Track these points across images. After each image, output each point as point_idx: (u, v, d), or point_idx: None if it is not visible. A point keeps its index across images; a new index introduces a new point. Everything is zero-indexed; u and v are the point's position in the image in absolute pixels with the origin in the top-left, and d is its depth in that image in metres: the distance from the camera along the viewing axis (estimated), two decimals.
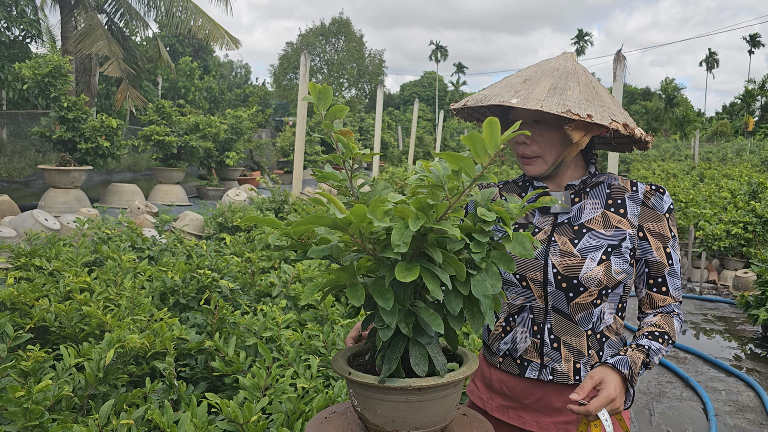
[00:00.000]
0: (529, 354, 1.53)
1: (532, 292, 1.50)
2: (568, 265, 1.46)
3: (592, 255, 1.46)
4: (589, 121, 1.37)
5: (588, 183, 1.55)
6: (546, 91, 1.41)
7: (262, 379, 2.19)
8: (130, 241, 4.99)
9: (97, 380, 2.37)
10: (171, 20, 15.08)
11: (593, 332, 1.50)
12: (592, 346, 1.50)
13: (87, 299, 3.11)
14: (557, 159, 1.52)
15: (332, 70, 44.77)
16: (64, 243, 4.54)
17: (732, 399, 4.63)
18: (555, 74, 1.46)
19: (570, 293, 1.46)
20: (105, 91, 19.30)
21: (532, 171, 1.54)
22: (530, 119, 1.49)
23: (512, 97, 1.40)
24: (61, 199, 8.98)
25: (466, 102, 1.51)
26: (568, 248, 1.48)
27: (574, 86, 1.44)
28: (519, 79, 1.48)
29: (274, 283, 3.75)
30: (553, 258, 1.48)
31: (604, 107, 1.43)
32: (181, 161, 12.79)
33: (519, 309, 1.54)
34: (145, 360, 2.78)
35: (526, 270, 1.50)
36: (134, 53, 16.63)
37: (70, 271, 3.77)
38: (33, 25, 13.65)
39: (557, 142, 1.50)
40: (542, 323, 1.51)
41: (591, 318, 1.49)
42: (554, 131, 1.49)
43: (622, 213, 1.51)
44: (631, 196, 1.53)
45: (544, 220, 1.55)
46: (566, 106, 1.38)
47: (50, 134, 9.27)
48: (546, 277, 1.48)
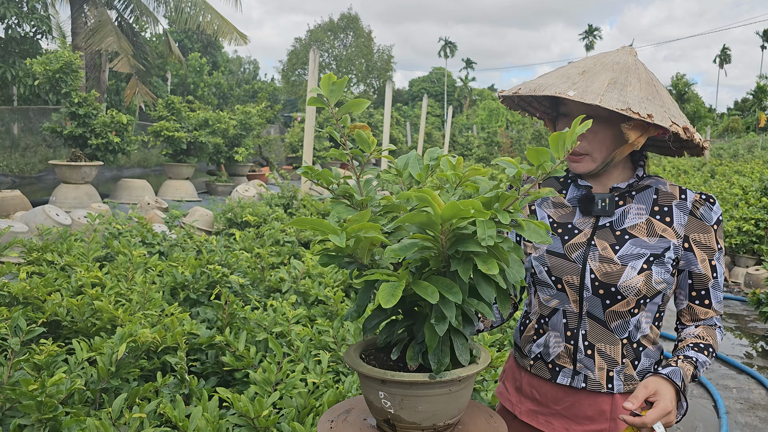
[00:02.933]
0: (561, 359, 1.49)
1: (567, 295, 1.46)
2: (607, 271, 1.41)
3: (632, 263, 1.40)
4: (649, 121, 1.29)
5: (634, 186, 1.48)
6: (605, 85, 1.33)
7: (272, 374, 2.20)
8: (141, 236, 5.01)
9: (109, 374, 2.39)
10: (180, 16, 15.12)
11: (629, 341, 1.46)
12: (627, 355, 1.46)
13: (98, 294, 3.12)
14: (607, 158, 1.45)
15: (341, 65, 44.77)
16: (75, 238, 4.57)
17: (743, 397, 4.60)
18: (615, 68, 1.39)
19: (607, 300, 1.42)
20: (115, 87, 19.39)
21: (578, 168, 1.47)
22: (582, 113, 1.41)
23: (569, 89, 1.33)
24: (72, 195, 9.04)
25: (517, 90, 1.42)
26: (609, 254, 1.43)
27: (634, 82, 1.36)
28: (576, 70, 1.40)
29: (283, 278, 3.76)
30: (591, 263, 1.43)
31: (664, 108, 1.35)
32: (191, 157, 12.83)
33: (552, 311, 1.50)
34: (157, 354, 2.80)
35: (562, 272, 1.45)
36: (144, 49, 16.70)
37: (81, 266, 3.79)
38: (44, 22, 13.73)
39: (609, 140, 1.43)
40: (576, 329, 1.47)
41: (627, 327, 1.45)
42: (607, 128, 1.42)
43: (668, 221, 1.44)
44: (679, 204, 1.46)
45: (584, 221, 1.49)
46: (626, 103, 1.30)
47: (61, 130, 9.32)
48: (583, 281, 1.43)
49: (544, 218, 1.54)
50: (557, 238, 1.49)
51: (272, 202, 7.39)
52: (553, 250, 1.48)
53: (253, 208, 6.74)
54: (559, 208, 1.54)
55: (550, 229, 1.13)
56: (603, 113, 1.39)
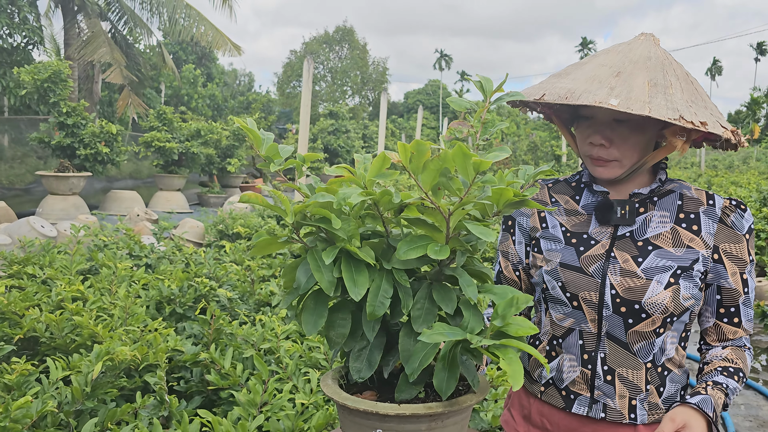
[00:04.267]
0: (577, 386, 1.34)
1: (584, 314, 1.31)
2: (630, 286, 1.27)
3: (658, 277, 1.26)
4: (703, 129, 1.14)
5: (656, 192, 1.34)
6: (647, 88, 1.17)
7: (258, 394, 2.05)
8: (128, 248, 4.89)
9: (83, 395, 2.24)
10: (174, 27, 15.05)
11: (653, 365, 1.31)
12: (652, 381, 1.31)
13: (79, 309, 3.01)
14: (636, 164, 1.31)
15: (336, 77, 44.87)
16: (59, 250, 4.43)
17: (752, 414, 4.46)
18: (649, 65, 1.23)
19: (629, 319, 1.28)
20: (108, 99, 19.29)
21: (603, 174, 1.32)
22: (609, 118, 1.27)
23: (609, 97, 1.16)
24: (59, 206, 8.89)
25: (541, 96, 1.24)
26: (631, 267, 1.28)
27: (674, 82, 1.21)
28: (607, 71, 1.24)
29: (274, 291, 3.62)
30: (612, 277, 1.28)
31: (708, 109, 1.21)
32: (182, 168, 12.70)
33: (566, 332, 1.35)
34: (138, 373, 2.67)
35: (578, 288, 1.31)
36: (137, 60, 16.60)
37: (63, 279, 3.65)
38: (35, 32, 13.63)
39: (640, 146, 1.29)
40: (594, 351, 1.32)
41: (652, 349, 1.30)
42: (639, 134, 1.27)
43: (696, 230, 1.31)
44: (706, 210, 1.32)
45: (601, 230, 1.34)
46: (676, 110, 1.15)
47: (49, 140, 9.18)
48: (602, 298, 1.29)
49: (556, 227, 1.40)
50: (571, 250, 1.35)
51: (264, 213, 7.26)
52: (567, 263, 1.33)
53: (244, 220, 6.62)
54: (573, 215, 1.39)
55: (563, 240, 0.99)
56: (635, 117, 1.25)
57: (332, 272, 0.81)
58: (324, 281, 0.81)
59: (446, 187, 0.77)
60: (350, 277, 0.80)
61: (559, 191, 1.44)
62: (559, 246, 1.36)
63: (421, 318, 0.84)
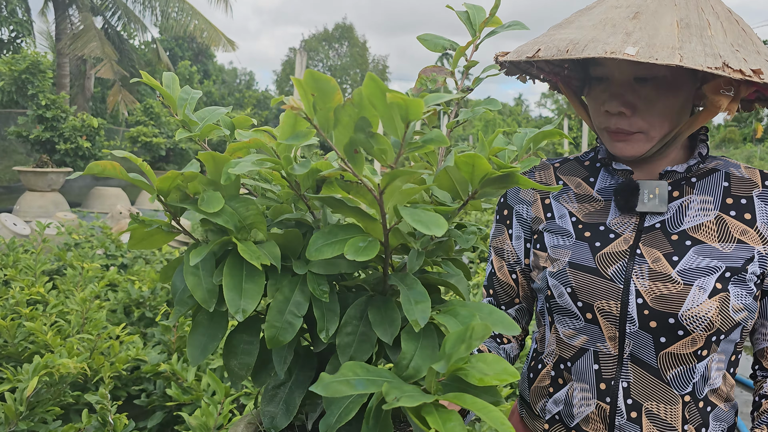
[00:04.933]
0: (591, 424, 1.03)
1: (601, 330, 1.01)
2: (662, 293, 0.97)
3: (700, 282, 0.95)
4: (757, 80, 0.84)
5: (695, 170, 1.04)
6: (676, 31, 0.88)
7: (211, 417, 1.76)
8: (103, 247, 4.62)
9: (17, 415, 1.96)
10: (167, 21, 14.77)
11: (693, 398, 0.99)
12: (691, 419, 1.00)
13: (34, 313, 2.77)
14: (668, 136, 1.00)
15: (335, 75, 44.68)
16: (25, 249, 4.16)
17: None
18: (677, 1, 0.93)
19: (662, 337, 0.97)
20: (100, 95, 19.03)
21: (626, 151, 1.01)
22: (629, 76, 0.97)
23: (625, 44, 0.87)
24: (37, 203, 8.59)
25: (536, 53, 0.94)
26: (663, 268, 0.98)
27: (714, 22, 0.92)
28: (622, 12, 0.93)
29: None
30: (637, 281, 0.98)
31: (761, 54, 0.90)
32: (171, 164, 12.38)
33: (577, 353, 1.04)
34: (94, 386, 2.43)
35: (594, 296, 1.01)
36: (131, 56, 16.36)
37: (24, 281, 3.38)
38: (23, 26, 13.34)
39: (672, 111, 0.98)
40: (614, 379, 1.01)
41: (691, 377, 0.98)
42: (669, 95, 0.97)
43: (748, 220, 1.00)
44: (762, 194, 1.01)
45: (623, 221, 1.04)
46: (719, 56, 0.85)
47: (27, 134, 8.87)
48: (625, 309, 0.99)
49: (564, 217, 1.09)
50: (584, 246, 1.04)
51: None
52: (579, 263, 1.03)
53: None
54: (587, 202, 1.09)
55: (574, 233, 0.70)
56: (662, 71, 0.95)
57: (212, 277, 0.53)
58: (199, 290, 0.53)
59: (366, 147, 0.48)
60: (234, 284, 0.52)
61: (569, 172, 1.13)
62: (568, 241, 1.06)
63: (351, 347, 0.56)
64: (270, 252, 0.54)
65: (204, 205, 0.52)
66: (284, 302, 0.55)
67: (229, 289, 0.52)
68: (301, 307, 0.55)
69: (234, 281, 0.53)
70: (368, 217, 0.52)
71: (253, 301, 0.52)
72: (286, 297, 0.55)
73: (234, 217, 0.54)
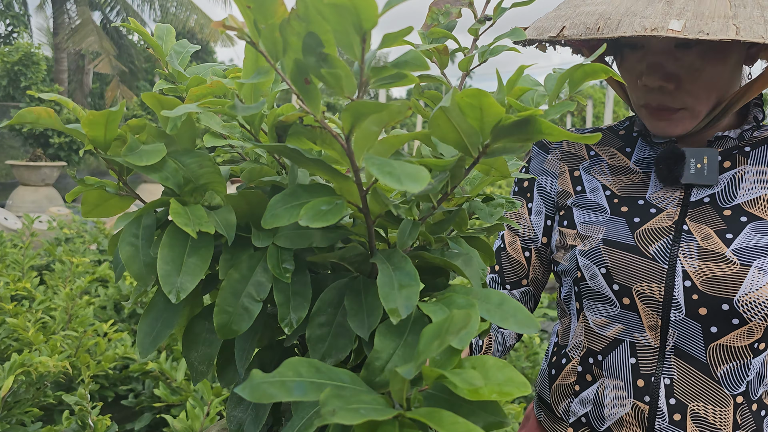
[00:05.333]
0: (626, 428, 0.90)
1: (640, 317, 0.89)
2: (714, 275, 0.85)
3: (760, 263, 0.83)
4: None
5: (749, 138, 0.92)
6: None
7: (197, 420, 1.65)
8: (95, 242, 4.54)
9: None
10: (165, 16, 14.66)
11: (747, 400, 0.87)
12: (743, 424, 0.87)
13: (19, 310, 2.69)
14: (716, 109, 0.89)
15: None
16: (14, 244, 4.07)
17: None
18: None
19: (713, 327, 0.86)
20: (99, 90, 18.92)
21: (670, 130, 0.90)
22: (669, 43, 0.85)
23: (668, 17, 0.75)
24: (30, 198, 8.45)
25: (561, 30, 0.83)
26: (716, 246, 0.85)
27: None
28: None
29: None
30: (685, 261, 0.86)
31: None
32: None
33: (609, 345, 0.92)
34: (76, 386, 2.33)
35: (632, 278, 0.88)
36: (130, 52, 16.25)
37: (10, 276, 3.29)
38: (19, 19, 13.23)
39: (721, 78, 0.86)
40: (654, 375, 0.88)
41: (746, 374, 0.86)
42: (718, 62, 0.85)
43: None
44: None
45: (666, 194, 0.92)
46: None
47: (20, 127, 8.76)
48: (670, 293, 0.86)
49: (597, 190, 0.97)
50: (622, 222, 0.92)
51: None
52: (614, 239, 0.90)
53: None
54: (623, 174, 0.97)
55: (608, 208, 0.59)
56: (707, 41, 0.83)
57: (149, 249, 0.42)
58: (135, 263, 0.42)
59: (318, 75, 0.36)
60: (173, 256, 0.40)
61: (602, 142, 1.01)
62: (602, 217, 0.93)
63: (325, 342, 0.43)
64: (223, 219, 0.42)
65: (135, 157, 0.41)
66: (241, 282, 0.43)
67: (165, 262, 0.40)
68: (262, 289, 0.43)
69: (173, 253, 0.41)
70: (340, 174, 0.40)
71: (194, 278, 0.40)
72: (243, 276, 0.43)
73: (178, 173, 0.42)
